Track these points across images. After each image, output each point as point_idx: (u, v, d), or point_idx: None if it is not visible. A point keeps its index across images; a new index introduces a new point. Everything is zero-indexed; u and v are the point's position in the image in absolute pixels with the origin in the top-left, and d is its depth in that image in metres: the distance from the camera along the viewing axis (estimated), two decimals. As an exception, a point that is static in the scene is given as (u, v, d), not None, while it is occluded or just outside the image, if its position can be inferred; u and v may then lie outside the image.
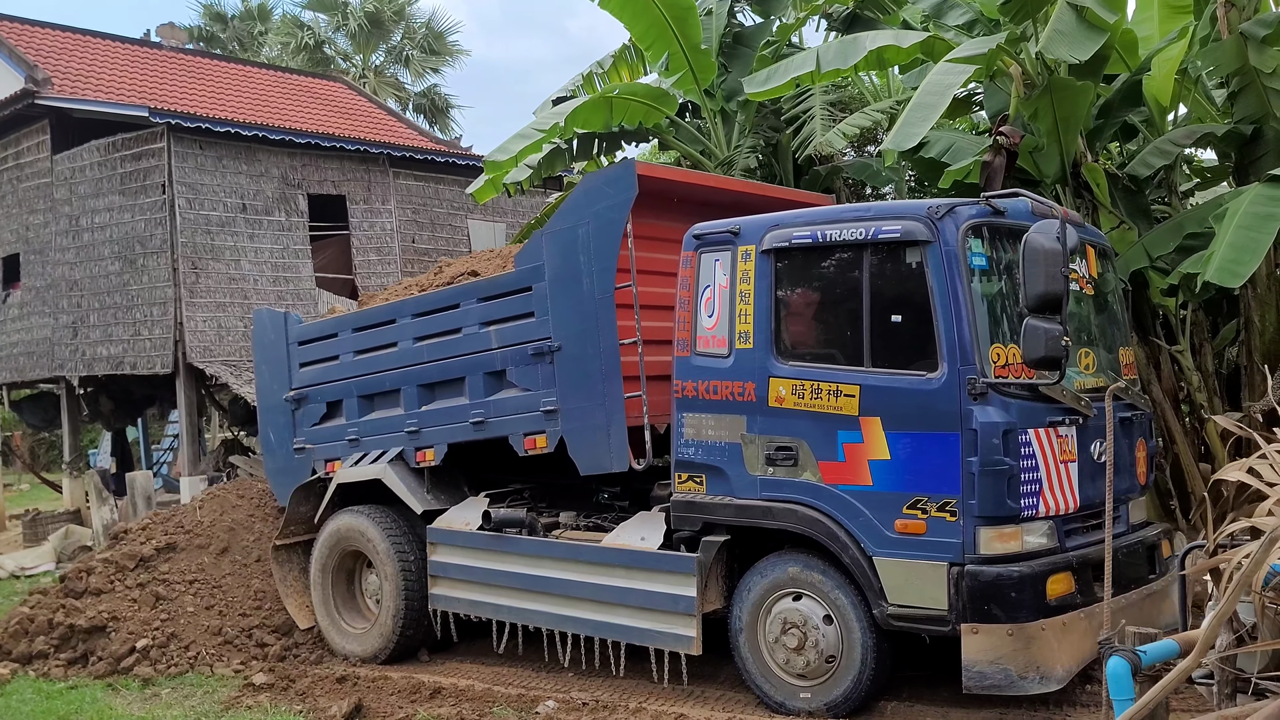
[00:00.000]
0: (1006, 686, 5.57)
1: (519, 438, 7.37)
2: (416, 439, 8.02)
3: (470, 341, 7.67)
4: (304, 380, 8.97)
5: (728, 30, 11.94)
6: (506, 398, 7.45)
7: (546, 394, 7.16)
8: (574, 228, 7.05)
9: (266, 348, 9.34)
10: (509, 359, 7.41)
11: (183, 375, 13.82)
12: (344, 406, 8.65)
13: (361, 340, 8.55)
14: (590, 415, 6.94)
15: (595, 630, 7.08)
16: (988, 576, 5.58)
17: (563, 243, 7.12)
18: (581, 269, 6.98)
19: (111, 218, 14.35)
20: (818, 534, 6.11)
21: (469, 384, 7.67)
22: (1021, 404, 5.73)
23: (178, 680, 7.93)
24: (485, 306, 7.62)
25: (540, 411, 7.20)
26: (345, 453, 8.56)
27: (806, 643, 6.17)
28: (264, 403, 9.45)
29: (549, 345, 7.13)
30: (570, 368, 7.04)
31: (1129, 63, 9.04)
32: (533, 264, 7.31)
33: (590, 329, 6.92)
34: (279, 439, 9.19)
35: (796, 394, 6.20)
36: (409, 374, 8.08)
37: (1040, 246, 5.34)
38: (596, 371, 6.90)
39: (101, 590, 8.64)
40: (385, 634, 8.01)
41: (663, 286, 6.93)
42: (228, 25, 31.77)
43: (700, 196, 7.53)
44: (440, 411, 7.88)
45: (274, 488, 9.32)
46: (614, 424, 6.82)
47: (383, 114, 19.83)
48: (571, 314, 7.03)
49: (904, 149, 7.68)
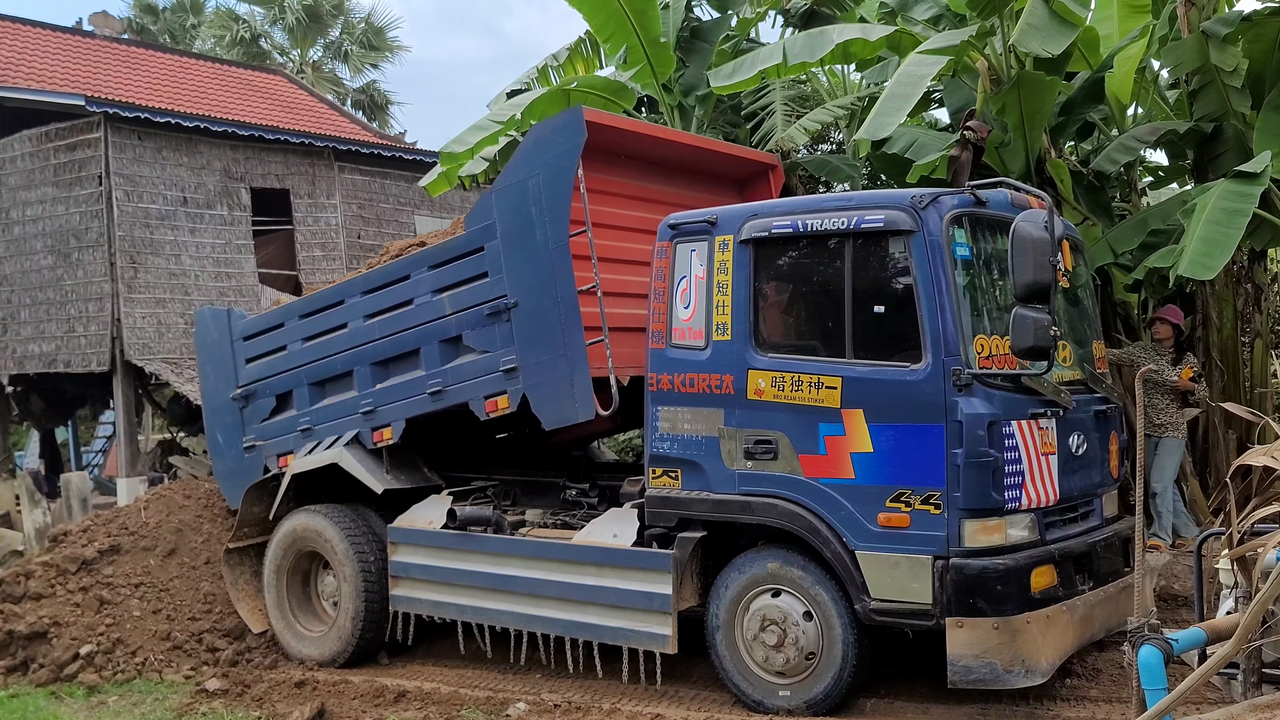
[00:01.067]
0: (992, 680, 5.52)
1: (479, 402, 7.17)
2: (372, 419, 7.78)
3: (423, 311, 7.47)
4: (251, 376, 8.67)
5: (685, 25, 11.82)
6: (464, 363, 7.27)
7: (505, 353, 6.99)
8: (524, 181, 6.91)
9: (210, 347, 9.02)
10: (464, 323, 7.23)
11: (120, 373, 13.32)
12: (294, 397, 8.37)
13: (309, 326, 8.30)
14: (552, 367, 6.77)
15: (565, 630, 6.90)
16: (973, 570, 5.53)
17: (513, 197, 6.97)
18: (534, 221, 6.83)
19: (44, 210, 13.79)
20: (798, 528, 6.01)
21: (424, 355, 7.48)
22: (1005, 395, 5.69)
23: (125, 687, 7.59)
24: (437, 273, 7.45)
25: (500, 372, 7.02)
26: (298, 445, 8.27)
27: (786, 640, 6.07)
28: (210, 404, 9.10)
29: (505, 303, 6.96)
30: (528, 323, 6.88)
31: (1090, 60, 9.13)
32: (483, 223, 7.16)
33: (546, 280, 6.76)
34: (227, 440, 8.87)
35: (776, 386, 6.09)
36: (361, 353, 7.85)
37: (1029, 235, 5.31)
38: (556, 322, 6.73)
39: (42, 595, 8.24)
40: (344, 637, 7.74)
41: (614, 240, 6.88)
42: (159, 17, 30.90)
43: (649, 151, 7.49)
44: (396, 387, 7.66)
45: (225, 491, 8.97)
46: (577, 373, 6.64)
47: (325, 108, 19.40)
48: (526, 268, 6.88)
49: (879, 138, 7.63)
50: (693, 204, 7.77)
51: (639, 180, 7.58)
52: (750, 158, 8.55)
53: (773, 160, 8.66)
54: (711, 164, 8.14)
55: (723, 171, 8.30)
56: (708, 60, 11.45)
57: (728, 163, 8.29)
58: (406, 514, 7.78)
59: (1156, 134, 8.54)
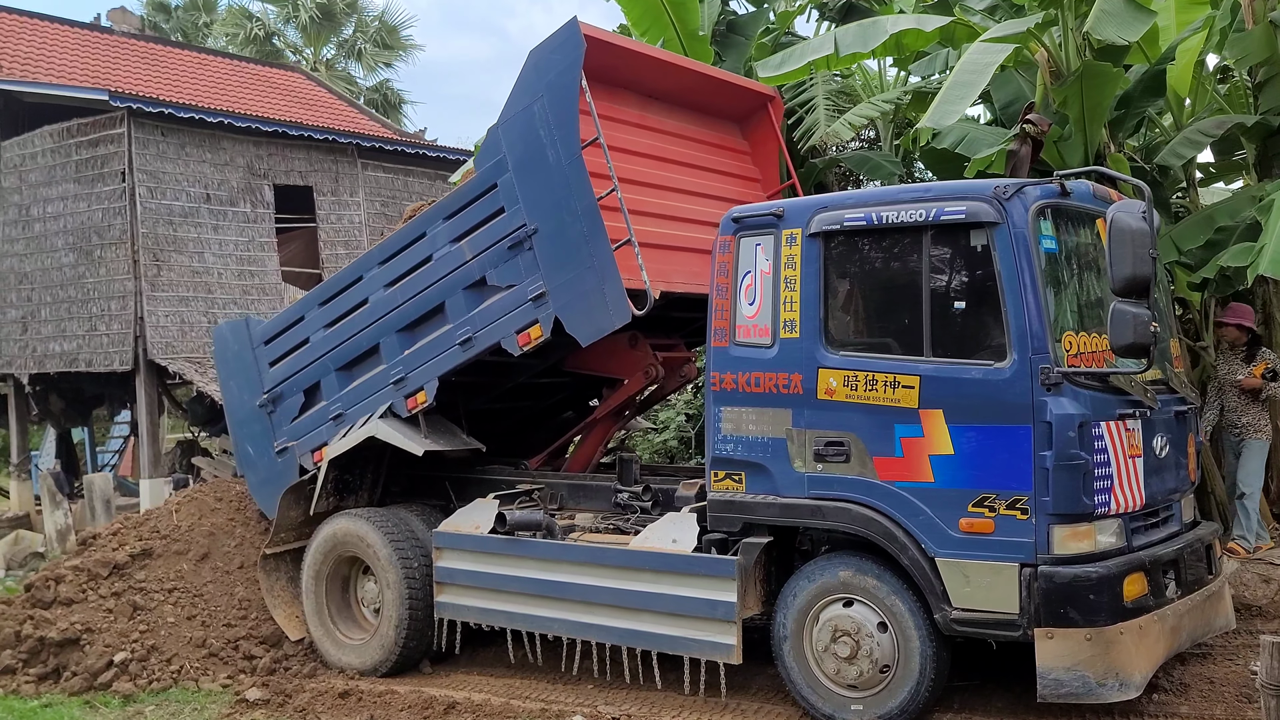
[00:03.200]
0: (1084, 694, 5.26)
1: (511, 339, 7.00)
2: (404, 386, 7.57)
3: (444, 264, 7.32)
4: (276, 378, 8.43)
5: (721, 18, 11.62)
6: (491, 304, 7.11)
7: (532, 281, 6.84)
8: (529, 106, 6.81)
9: (230, 360, 8.78)
10: (486, 263, 7.08)
11: (143, 372, 13.10)
12: (322, 387, 8.16)
13: (330, 311, 8.11)
14: (580, 282, 6.62)
15: (621, 638, 6.65)
16: (1064, 578, 5.27)
17: (520, 126, 6.87)
18: (544, 142, 6.72)
19: (66, 207, 13.57)
20: (873, 534, 5.76)
21: (449, 307, 7.31)
22: (1094, 395, 5.43)
23: (161, 696, 7.34)
24: (452, 223, 7.32)
25: (529, 301, 6.85)
26: (331, 434, 8.02)
27: (859, 651, 5.81)
28: (236, 418, 8.82)
29: (525, 232, 6.83)
30: (551, 245, 6.74)
31: (1148, 53, 8.86)
32: (493, 159, 7.05)
33: (563, 196, 6.65)
34: (258, 450, 8.59)
35: (849, 385, 5.84)
36: (386, 323, 7.67)
37: (1128, 226, 5.05)
38: (578, 236, 6.59)
39: (73, 600, 7.99)
40: (387, 645, 7.48)
41: (624, 162, 6.82)
42: (171, 15, 30.73)
43: (647, 80, 7.46)
44: (424, 348, 7.48)
45: (262, 503, 8.65)
46: (608, 280, 6.48)
47: (344, 105, 19.17)
48: (542, 191, 6.76)
49: (944, 126, 7.38)
50: (695, 135, 7.95)
51: (640, 110, 7.53)
52: (748, 88, 8.42)
53: (771, 92, 8.53)
54: (710, 94, 8.03)
55: (722, 104, 8.21)
56: (744, 54, 11.23)
57: (726, 93, 8.15)
58: (451, 518, 7.54)
59: (1223, 127, 8.28)
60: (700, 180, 7.79)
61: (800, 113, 11.17)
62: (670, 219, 7.25)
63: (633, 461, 7.58)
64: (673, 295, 6.80)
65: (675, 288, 6.80)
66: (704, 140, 8.08)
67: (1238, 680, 6.14)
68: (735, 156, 8.38)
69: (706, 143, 8.09)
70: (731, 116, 8.40)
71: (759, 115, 8.42)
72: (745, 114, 8.44)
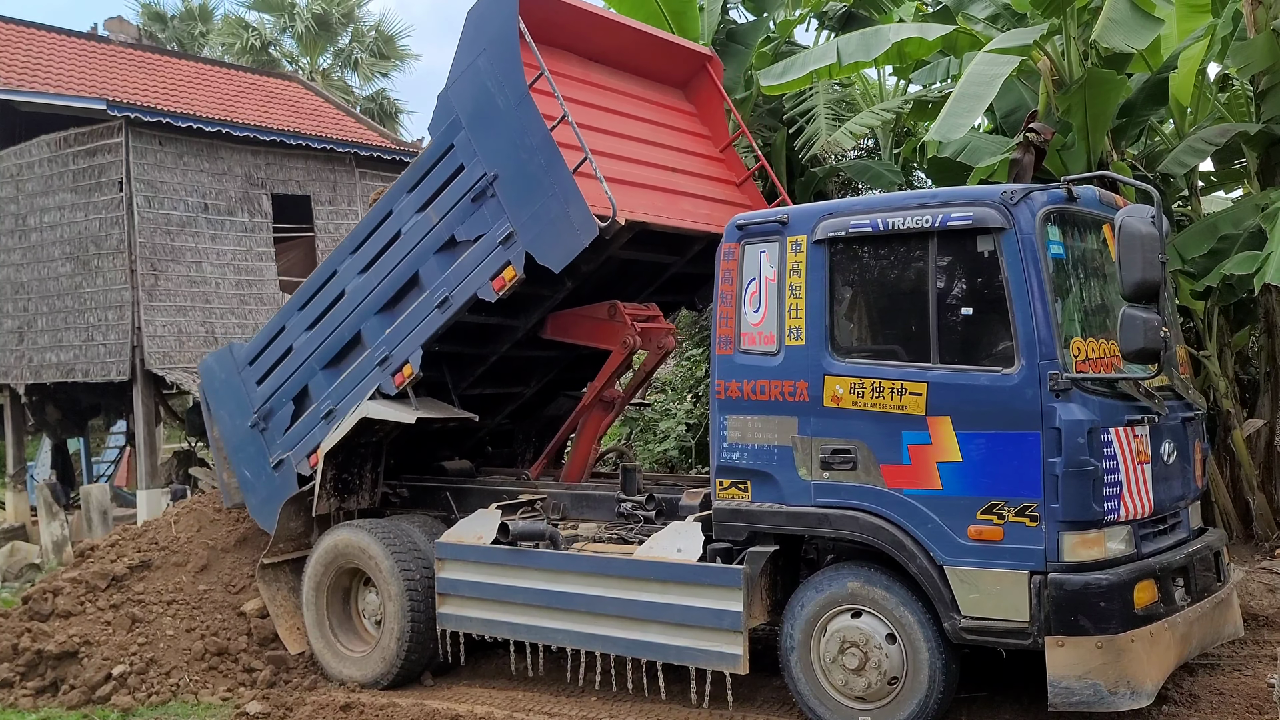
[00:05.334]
0: (1096, 703, 5.21)
1: (486, 287, 7.10)
2: (389, 364, 7.59)
3: (413, 234, 7.48)
4: (265, 394, 8.37)
5: (721, 27, 11.60)
6: (463, 260, 7.24)
7: (499, 226, 7.00)
8: (473, 63, 7.07)
9: (219, 389, 8.72)
10: (454, 222, 7.25)
11: (140, 382, 13.03)
12: (311, 389, 8.13)
13: (309, 313, 8.14)
14: (546, 211, 6.78)
15: (626, 649, 6.58)
16: (1074, 585, 5.22)
17: (467, 83, 7.11)
18: (492, 91, 6.97)
19: (63, 216, 13.52)
20: (881, 542, 5.71)
21: (424, 275, 7.43)
22: (1103, 401, 5.40)
23: (160, 710, 7.25)
24: (416, 193, 7.50)
25: (499, 246, 7.00)
26: (324, 433, 7.94)
27: (868, 663, 5.75)
28: (232, 444, 8.69)
29: (486, 180, 7.03)
30: (513, 185, 6.93)
31: (1150, 62, 8.86)
32: (447, 121, 7.25)
33: (518, 136, 6.85)
34: (256, 471, 8.48)
35: (855, 393, 5.80)
36: (365, 307, 7.75)
37: (1137, 231, 5.02)
38: (537, 168, 6.79)
39: (71, 612, 7.91)
40: (388, 658, 7.41)
41: (574, 110, 6.91)
42: (167, 25, 30.69)
43: (587, 41, 7.65)
44: (405, 321, 7.54)
45: (264, 523, 8.45)
46: (571, 202, 6.64)
47: (341, 114, 19.13)
48: (497, 137, 6.97)
49: (952, 139, 7.35)
50: (640, 95, 8.15)
51: (583, 69, 7.70)
52: (686, 48, 8.64)
53: (709, 52, 8.74)
54: (650, 55, 8.21)
55: (663, 66, 8.39)
56: (744, 62, 11.22)
57: (665, 53, 8.35)
58: (453, 529, 7.47)
59: (1225, 136, 8.27)
60: (651, 130, 7.97)
61: (801, 122, 11.17)
62: (626, 160, 7.37)
63: (635, 471, 7.52)
64: (640, 227, 6.93)
65: (639, 216, 6.90)
66: (650, 99, 8.27)
67: (1248, 691, 6.09)
68: (683, 116, 8.56)
69: (652, 102, 8.29)
70: (674, 81, 8.59)
71: (700, 77, 8.61)
72: (686, 77, 8.63)
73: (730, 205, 8.02)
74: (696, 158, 8.26)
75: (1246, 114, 9.08)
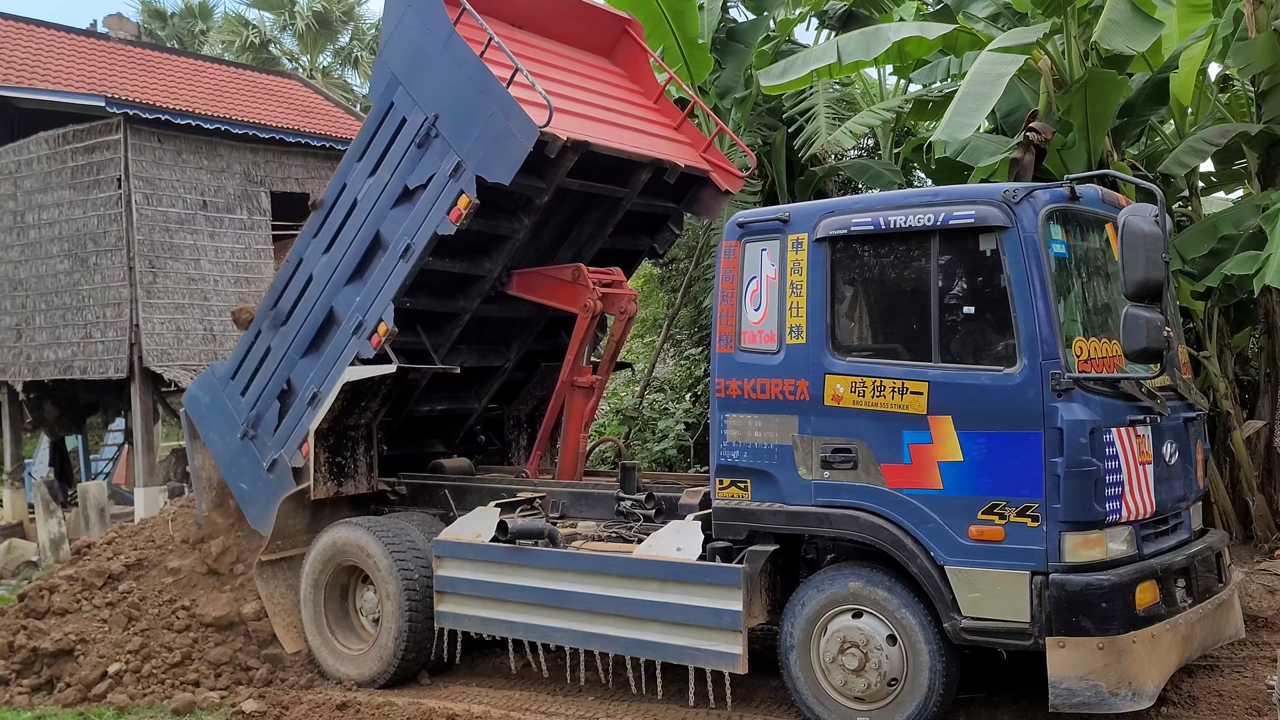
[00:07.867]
0: (1097, 704, 5.19)
1: (445, 222, 7.19)
2: (364, 329, 7.61)
3: (368, 198, 7.62)
4: (250, 401, 8.32)
5: (721, 26, 11.59)
6: (419, 204, 7.34)
7: (447, 160, 7.13)
8: (400, 21, 7.31)
9: (207, 410, 8.65)
10: (405, 172, 7.39)
11: (138, 380, 13.00)
12: (294, 379, 8.10)
13: (282, 309, 8.14)
14: (488, 130, 6.89)
15: (625, 649, 6.56)
16: (1076, 586, 5.21)
17: (398, 42, 7.35)
18: (422, 41, 7.21)
19: (61, 213, 13.49)
20: (881, 542, 5.69)
21: (385, 231, 7.52)
22: (1105, 401, 5.38)
23: (156, 708, 7.23)
24: (365, 159, 7.65)
25: (449, 179, 7.12)
26: (311, 418, 7.92)
27: (868, 664, 5.72)
28: (225, 460, 8.58)
29: (428, 123, 7.19)
30: (453, 119, 7.09)
31: (1150, 62, 8.85)
32: (384, 82, 7.47)
33: (451, 72, 7.05)
34: (252, 480, 8.39)
35: (856, 392, 5.78)
36: (334, 283, 7.80)
37: (1140, 230, 5.00)
38: (474, 94, 6.95)
39: (67, 610, 7.89)
40: (385, 656, 7.38)
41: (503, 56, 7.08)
42: (167, 22, 30.66)
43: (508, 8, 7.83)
44: (373, 281, 7.59)
45: (264, 529, 8.30)
46: (510, 114, 6.78)
47: (341, 112, 19.07)
48: (432, 79, 7.18)
49: (959, 139, 7.33)
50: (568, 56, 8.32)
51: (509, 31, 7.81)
52: (606, 12, 8.90)
53: (627, 16, 8.96)
54: (573, 21, 8.43)
55: (585, 32, 8.60)
56: (744, 62, 11.21)
57: (586, 17, 8.56)
58: (452, 527, 7.44)
59: (1226, 136, 8.25)
60: (582, 81, 8.11)
61: (800, 121, 11.15)
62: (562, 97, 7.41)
63: (634, 469, 7.50)
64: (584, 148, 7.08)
65: (580, 136, 7.05)
66: (578, 60, 8.42)
67: (1247, 693, 6.07)
68: (612, 74, 8.73)
69: (580, 62, 8.44)
70: (599, 48, 8.77)
71: (624, 41, 8.82)
72: (610, 43, 8.83)
73: (671, 142, 8.27)
74: (632, 104, 8.45)
75: (1247, 114, 9.07)
